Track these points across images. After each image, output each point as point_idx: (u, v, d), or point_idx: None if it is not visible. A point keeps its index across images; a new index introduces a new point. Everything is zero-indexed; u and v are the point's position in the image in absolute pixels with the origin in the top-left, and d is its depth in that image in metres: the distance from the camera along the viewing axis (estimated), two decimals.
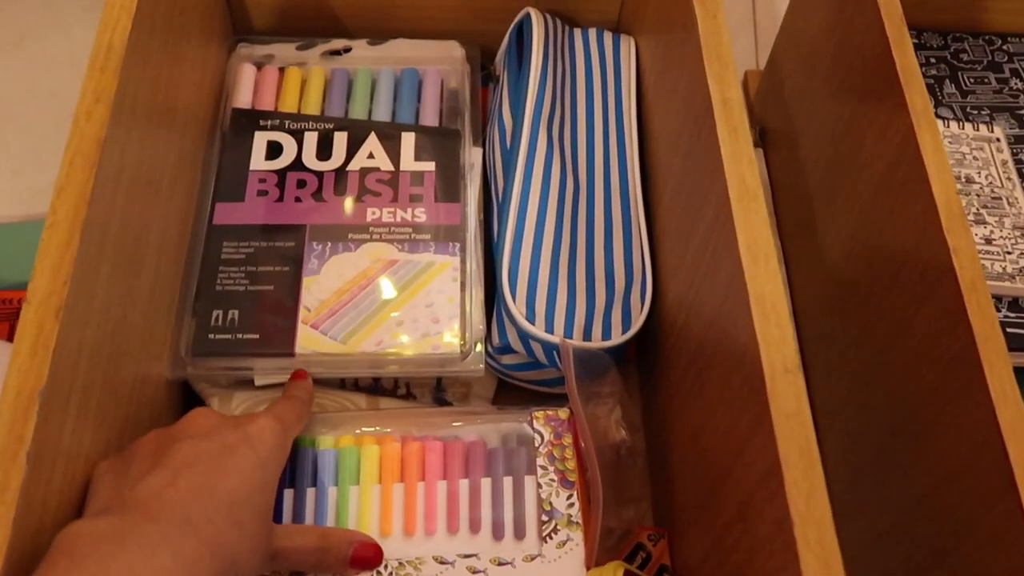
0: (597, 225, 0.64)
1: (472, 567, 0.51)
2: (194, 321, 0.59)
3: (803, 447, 0.40)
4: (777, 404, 0.41)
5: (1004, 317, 0.57)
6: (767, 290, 0.44)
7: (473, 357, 0.59)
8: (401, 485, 0.53)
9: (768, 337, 0.43)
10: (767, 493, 0.41)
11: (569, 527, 0.52)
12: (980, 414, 0.44)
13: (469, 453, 0.54)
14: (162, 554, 0.38)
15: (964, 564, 0.47)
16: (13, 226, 0.72)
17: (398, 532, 0.52)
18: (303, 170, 0.65)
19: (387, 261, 0.62)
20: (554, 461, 0.53)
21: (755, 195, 0.47)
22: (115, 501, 0.43)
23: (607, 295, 0.61)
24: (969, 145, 0.63)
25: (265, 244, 0.62)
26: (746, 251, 0.45)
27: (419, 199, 0.64)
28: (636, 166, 0.65)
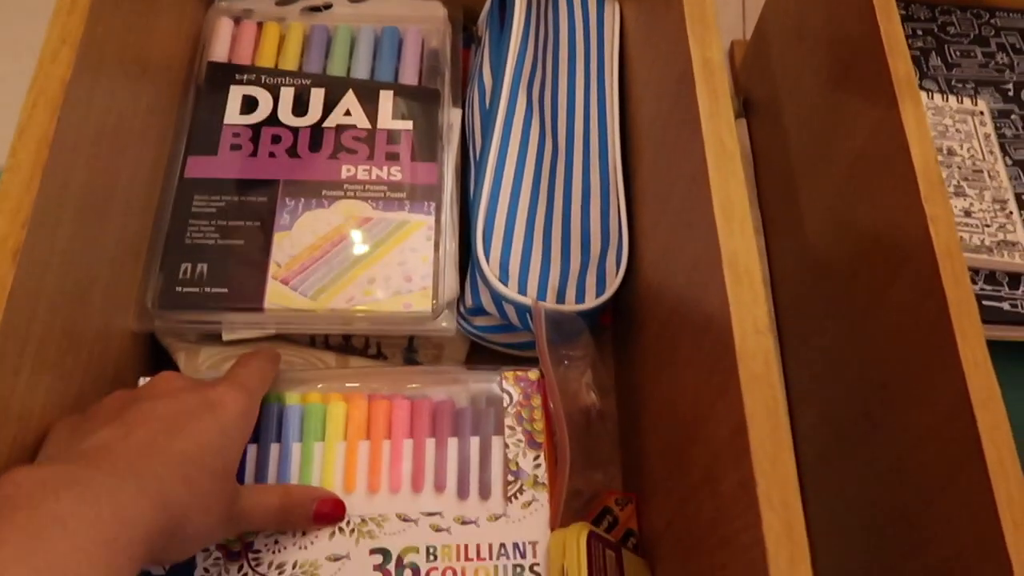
0: (575, 189, 0.63)
1: (436, 525, 0.50)
2: (162, 274, 0.58)
3: (770, 408, 0.40)
4: (746, 365, 0.41)
5: (980, 290, 0.57)
6: (740, 251, 0.44)
7: (445, 317, 0.58)
8: (367, 443, 0.52)
9: (739, 298, 0.42)
10: (733, 454, 0.41)
11: (535, 488, 0.51)
12: (951, 382, 0.44)
13: (437, 412, 0.54)
14: (100, 504, 0.37)
15: (930, 531, 0.46)
16: None
17: (362, 489, 0.51)
18: (278, 125, 0.64)
19: (361, 218, 0.61)
20: (522, 422, 0.53)
21: (732, 156, 0.46)
22: (63, 452, 0.43)
23: (582, 259, 0.60)
24: (952, 118, 0.62)
25: (237, 198, 0.61)
26: (720, 212, 0.45)
27: (395, 157, 0.63)
28: (616, 130, 0.64)
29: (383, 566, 0.49)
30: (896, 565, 0.50)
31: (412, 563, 0.49)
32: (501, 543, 0.50)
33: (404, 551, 0.49)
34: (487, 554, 0.50)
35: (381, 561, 0.49)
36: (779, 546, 0.37)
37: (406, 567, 0.49)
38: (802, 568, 0.37)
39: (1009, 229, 0.58)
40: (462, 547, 0.50)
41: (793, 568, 0.37)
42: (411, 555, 0.49)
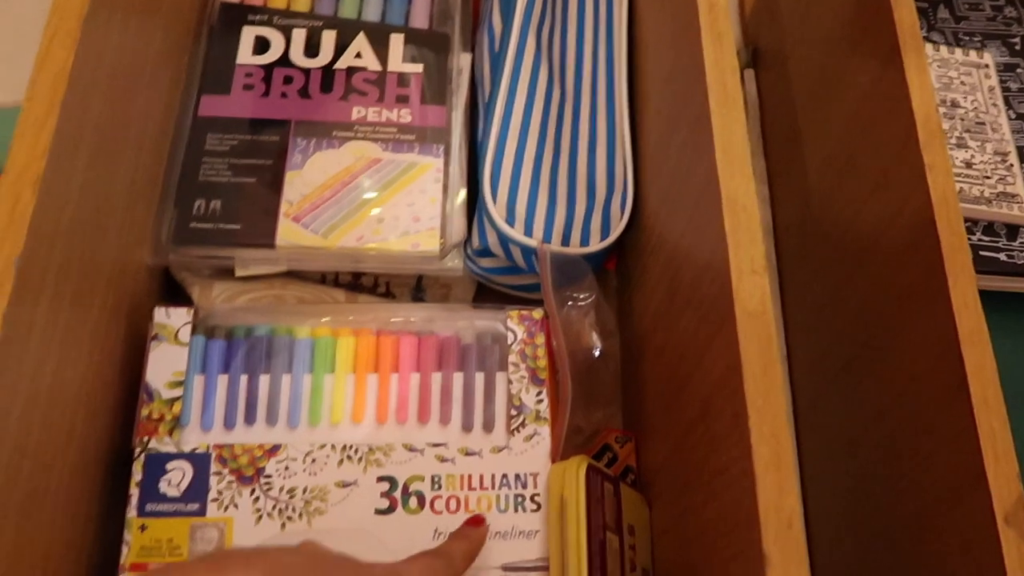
0: (581, 133, 0.64)
1: (440, 455, 0.52)
2: (176, 210, 0.59)
3: (764, 345, 0.41)
4: (742, 303, 0.42)
5: (978, 240, 0.58)
6: (740, 192, 0.45)
7: (452, 257, 0.60)
8: (375, 376, 0.54)
9: (737, 238, 0.44)
10: (728, 390, 0.42)
11: (537, 422, 0.53)
12: (941, 323, 0.45)
13: (443, 348, 0.55)
14: None
15: (918, 469, 0.48)
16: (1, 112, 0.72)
17: (370, 420, 0.53)
18: (290, 66, 0.65)
19: (371, 159, 0.62)
20: (526, 359, 0.54)
21: (734, 100, 0.47)
22: None
23: (588, 202, 0.61)
24: (957, 70, 0.63)
25: (249, 137, 0.62)
26: (722, 155, 0.46)
27: (405, 100, 0.64)
28: (624, 76, 0.65)
29: (389, 493, 0.51)
30: (885, 505, 0.52)
31: (417, 491, 0.51)
32: (503, 474, 0.52)
33: (410, 479, 0.51)
34: (490, 484, 0.51)
35: (388, 488, 0.51)
36: (767, 475, 0.39)
37: (412, 495, 0.51)
38: (790, 497, 0.38)
39: (1009, 181, 0.59)
40: (466, 477, 0.52)
41: (781, 496, 0.38)
42: (416, 483, 0.51)
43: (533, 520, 0.51)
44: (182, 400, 0.52)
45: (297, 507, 0.50)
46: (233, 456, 0.51)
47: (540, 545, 0.50)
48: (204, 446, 0.51)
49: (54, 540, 0.46)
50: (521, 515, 0.51)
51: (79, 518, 0.49)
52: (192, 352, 0.53)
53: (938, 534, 0.46)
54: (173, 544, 0.49)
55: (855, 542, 0.55)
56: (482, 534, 0.48)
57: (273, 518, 0.50)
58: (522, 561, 0.50)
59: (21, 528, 0.43)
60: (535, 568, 0.50)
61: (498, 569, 0.50)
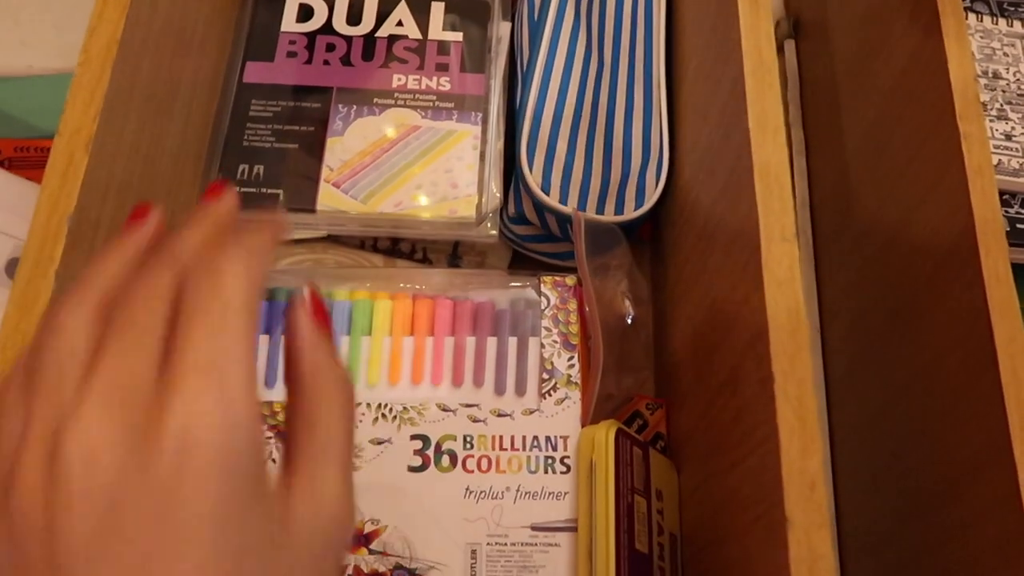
0: (619, 102, 0.64)
1: (473, 416, 0.53)
2: (221, 173, 0.61)
3: (792, 311, 0.42)
4: (771, 270, 0.43)
5: (1016, 213, 0.58)
6: (772, 161, 0.45)
7: (488, 224, 0.61)
8: (411, 338, 0.55)
9: (769, 206, 0.44)
10: (755, 355, 0.43)
11: (568, 386, 0.54)
12: (973, 295, 0.45)
13: (478, 312, 0.56)
14: None
15: (947, 439, 0.48)
16: (52, 78, 0.74)
17: (406, 380, 0.54)
18: (333, 34, 0.66)
19: (410, 127, 0.63)
20: (558, 324, 0.55)
21: (770, 69, 0.48)
22: None
23: (623, 171, 0.62)
24: (1000, 40, 0.62)
25: (292, 104, 0.63)
26: (755, 122, 0.46)
27: (445, 68, 0.65)
28: (662, 45, 0.65)
29: (423, 451, 0.52)
30: (913, 472, 0.52)
31: (450, 450, 0.52)
32: (534, 436, 0.53)
33: (443, 438, 0.52)
34: (520, 445, 0.53)
35: (421, 447, 0.52)
36: (792, 437, 0.39)
37: (444, 453, 0.52)
38: (814, 460, 0.39)
39: None
40: (497, 437, 0.53)
41: (805, 459, 0.39)
42: (449, 442, 0.52)
43: (562, 482, 0.52)
44: None
45: None
46: (272, 413, 0.53)
47: (569, 506, 0.52)
48: None
49: None
50: (551, 476, 0.52)
51: None
52: None
53: (963, 504, 0.46)
54: None
55: (883, 508, 0.55)
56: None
57: None
58: (551, 521, 0.51)
59: None
60: (563, 529, 0.51)
61: (527, 528, 0.51)
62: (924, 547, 0.50)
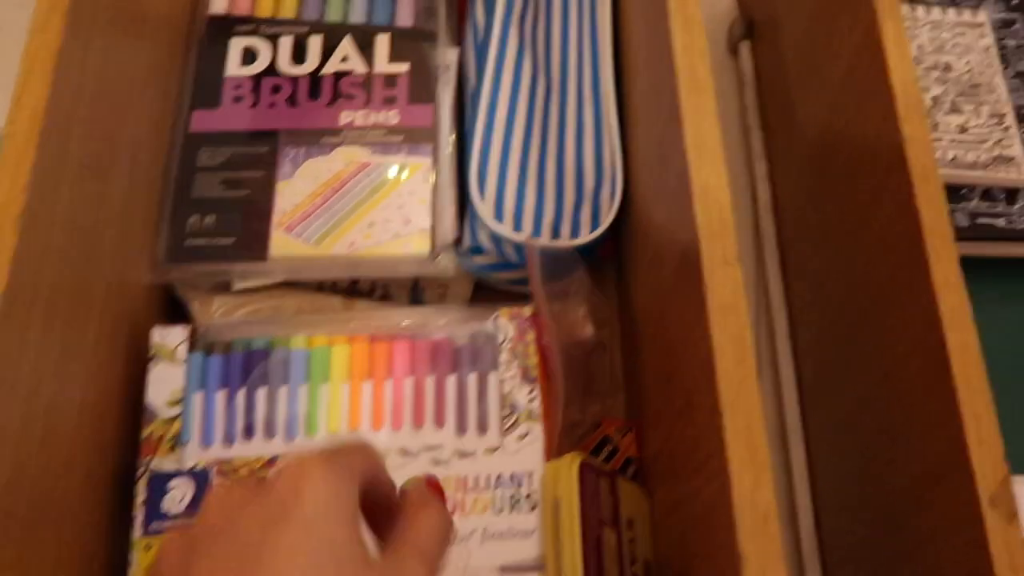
0: (568, 124, 0.63)
1: (435, 458, 0.52)
2: (171, 227, 0.60)
3: (738, 337, 0.41)
4: (714, 294, 0.42)
5: (975, 207, 0.57)
6: (711, 184, 0.44)
7: (444, 257, 0.60)
8: (370, 383, 0.54)
9: (709, 229, 0.43)
10: (705, 382, 0.42)
11: (530, 421, 0.53)
12: (924, 303, 0.44)
13: (436, 350, 0.55)
14: None
15: (909, 448, 0.47)
16: None
17: (366, 428, 0.53)
18: (277, 75, 0.66)
19: (360, 164, 0.62)
20: (517, 357, 0.55)
21: (705, 88, 0.47)
22: None
23: (576, 193, 0.61)
24: (951, 31, 0.61)
25: (241, 150, 0.63)
26: (692, 145, 0.45)
27: (392, 101, 0.64)
28: (608, 65, 0.64)
29: None
30: (885, 477, 0.51)
31: None
32: (498, 474, 0.52)
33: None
34: (485, 485, 0.52)
35: None
36: (743, 469, 0.38)
37: None
38: (766, 491, 0.38)
39: (1006, 144, 0.57)
40: (461, 479, 0.52)
41: (757, 490, 0.38)
42: None
43: (530, 520, 0.51)
44: (182, 418, 0.53)
45: None
46: (233, 470, 0.52)
47: (537, 544, 0.51)
48: (204, 462, 0.52)
49: (59, 564, 0.48)
50: (517, 515, 0.51)
51: (84, 541, 0.51)
52: (190, 370, 0.54)
53: (930, 513, 0.45)
54: None
55: (860, 514, 0.55)
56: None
57: None
58: (520, 562, 0.50)
59: (23, 553, 0.44)
60: (533, 568, 0.50)
61: (496, 570, 0.50)
62: (901, 555, 0.49)
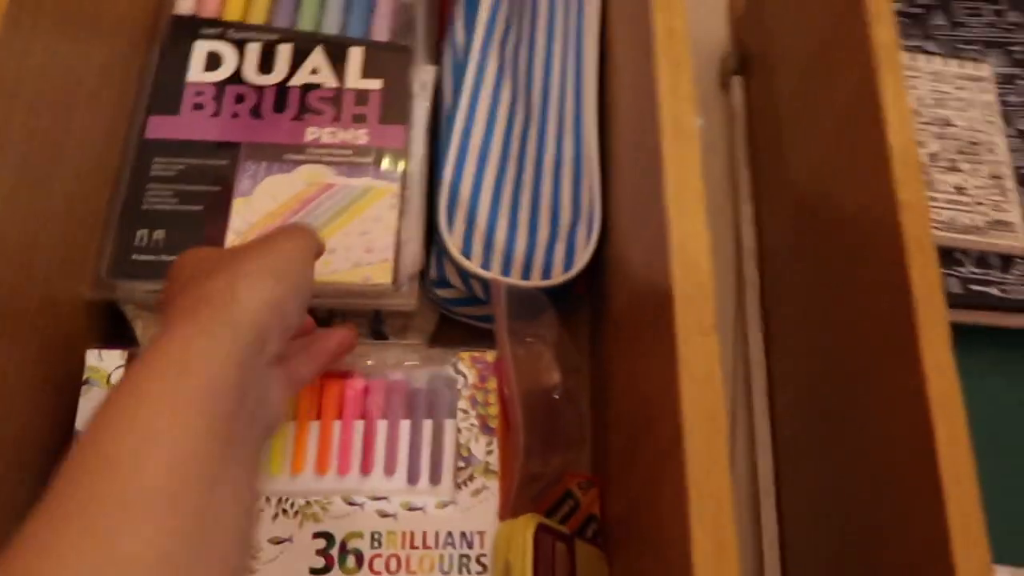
0: (546, 155, 0.60)
1: (382, 510, 0.49)
2: (116, 241, 0.56)
3: (710, 413, 0.38)
4: (687, 367, 0.38)
5: (970, 273, 0.54)
6: (691, 244, 0.41)
7: (406, 290, 0.57)
8: (317, 423, 0.51)
9: (685, 293, 0.40)
10: (673, 459, 0.39)
11: (486, 475, 0.50)
12: (912, 384, 0.41)
13: (390, 393, 0.52)
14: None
15: (890, 534, 0.44)
16: None
17: (310, 470, 0.50)
18: (242, 84, 0.62)
19: (323, 185, 0.59)
20: (476, 405, 0.51)
21: (689, 138, 0.43)
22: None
23: (551, 230, 0.58)
24: (952, 84, 0.58)
25: (197, 162, 0.59)
26: (673, 198, 0.42)
27: (363, 119, 0.61)
28: (592, 97, 0.61)
29: (326, 551, 0.48)
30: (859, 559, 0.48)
31: (356, 549, 0.48)
32: (448, 531, 0.49)
33: (348, 536, 0.48)
34: (433, 542, 0.48)
35: (324, 546, 0.48)
36: (707, 563, 0.35)
37: (349, 552, 0.48)
38: None
39: (1004, 208, 0.54)
40: (408, 534, 0.48)
41: None
42: (355, 540, 0.48)
43: None
44: None
45: None
46: None
47: None
48: None
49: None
50: None
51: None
52: None
53: None
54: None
55: None
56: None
57: None
58: None
59: None
60: None
61: None
62: None
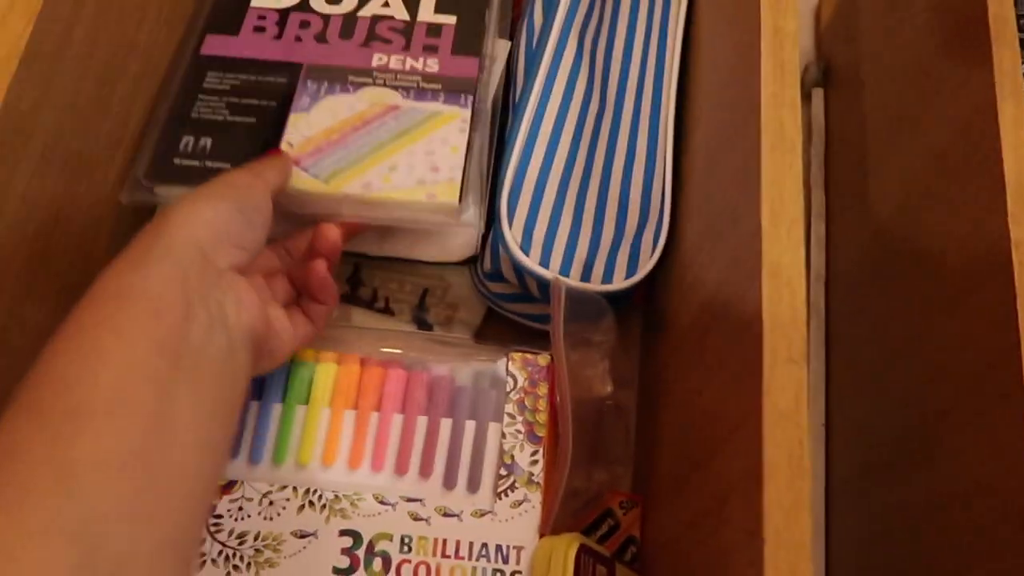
0: (618, 152, 0.57)
1: (415, 513, 0.46)
2: (159, 144, 0.53)
3: (794, 454, 0.34)
4: (772, 398, 0.35)
5: None
6: (785, 261, 0.38)
7: (469, 216, 0.52)
8: (353, 412, 0.48)
9: (776, 317, 0.36)
10: (745, 496, 0.35)
11: (528, 487, 0.46)
12: (1013, 432, 0.38)
13: (433, 388, 0.49)
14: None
15: None
16: None
17: (341, 463, 0.47)
18: (309, 11, 0.58)
19: (388, 106, 0.54)
20: (524, 411, 0.48)
21: (792, 147, 0.40)
22: None
23: (616, 233, 0.54)
24: None
25: (254, 78, 0.56)
26: (769, 211, 0.39)
27: (434, 50, 0.57)
28: (672, 93, 0.57)
29: (352, 550, 0.45)
30: None
31: (383, 551, 0.45)
32: (483, 543, 0.45)
33: (377, 537, 0.45)
34: (466, 553, 0.45)
35: (351, 545, 0.45)
36: None
37: (376, 555, 0.45)
38: None
39: None
40: (440, 541, 0.45)
41: None
42: (384, 542, 0.45)
43: None
44: None
45: (246, 555, 0.45)
46: None
47: None
48: None
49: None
50: None
51: None
52: None
53: None
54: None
55: None
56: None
57: (218, 565, 0.44)
58: None
59: None
60: None
61: None
62: None
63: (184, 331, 0.37)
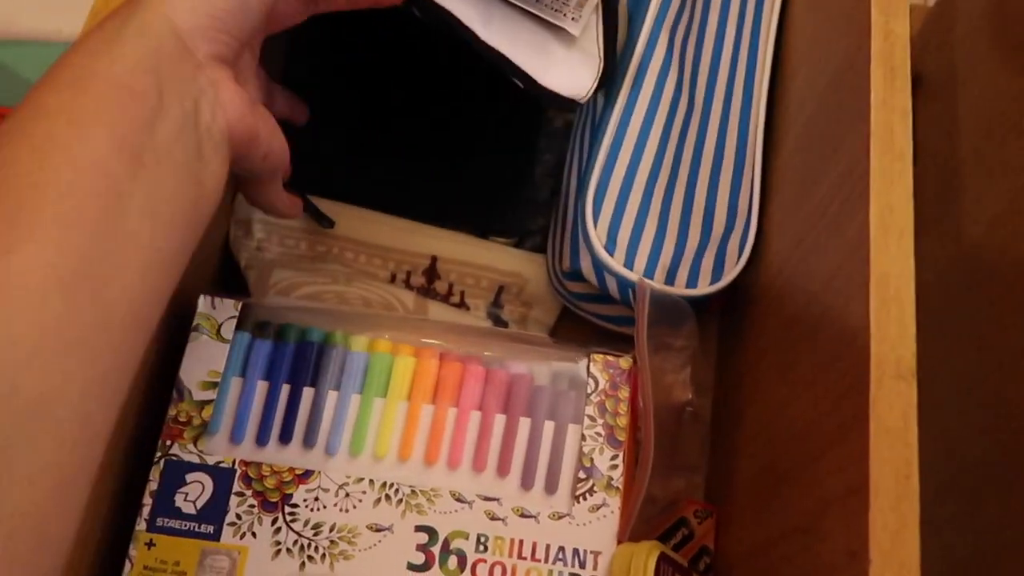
0: (706, 154, 0.55)
1: (491, 512, 0.45)
2: None
3: (901, 473, 0.33)
4: (879, 414, 0.34)
5: None
6: (894, 272, 0.36)
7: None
8: (431, 407, 0.47)
9: (884, 330, 0.35)
10: (844, 515, 0.34)
11: (607, 491, 0.46)
12: None
13: (512, 386, 0.48)
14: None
15: None
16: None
17: (418, 458, 0.46)
18: None
19: None
20: (605, 413, 0.47)
21: (902, 154, 0.39)
22: None
23: (701, 237, 0.53)
24: None
25: None
26: (878, 220, 0.37)
27: None
28: (764, 94, 0.56)
29: (427, 547, 0.44)
30: None
31: (459, 549, 0.44)
32: (560, 546, 0.45)
33: (452, 534, 0.45)
34: (543, 555, 0.44)
35: (426, 541, 0.44)
36: None
37: (452, 553, 0.44)
38: None
39: None
40: (516, 542, 0.45)
41: None
42: (459, 540, 0.45)
43: None
44: (214, 404, 0.46)
45: (321, 546, 0.44)
46: (260, 476, 0.45)
47: None
48: (230, 460, 0.45)
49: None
50: None
51: (83, 522, 0.44)
52: (233, 350, 0.48)
53: None
54: (179, 569, 0.44)
55: None
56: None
57: (293, 555, 0.44)
58: None
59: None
60: None
61: None
62: None
63: (150, 128, 0.32)
